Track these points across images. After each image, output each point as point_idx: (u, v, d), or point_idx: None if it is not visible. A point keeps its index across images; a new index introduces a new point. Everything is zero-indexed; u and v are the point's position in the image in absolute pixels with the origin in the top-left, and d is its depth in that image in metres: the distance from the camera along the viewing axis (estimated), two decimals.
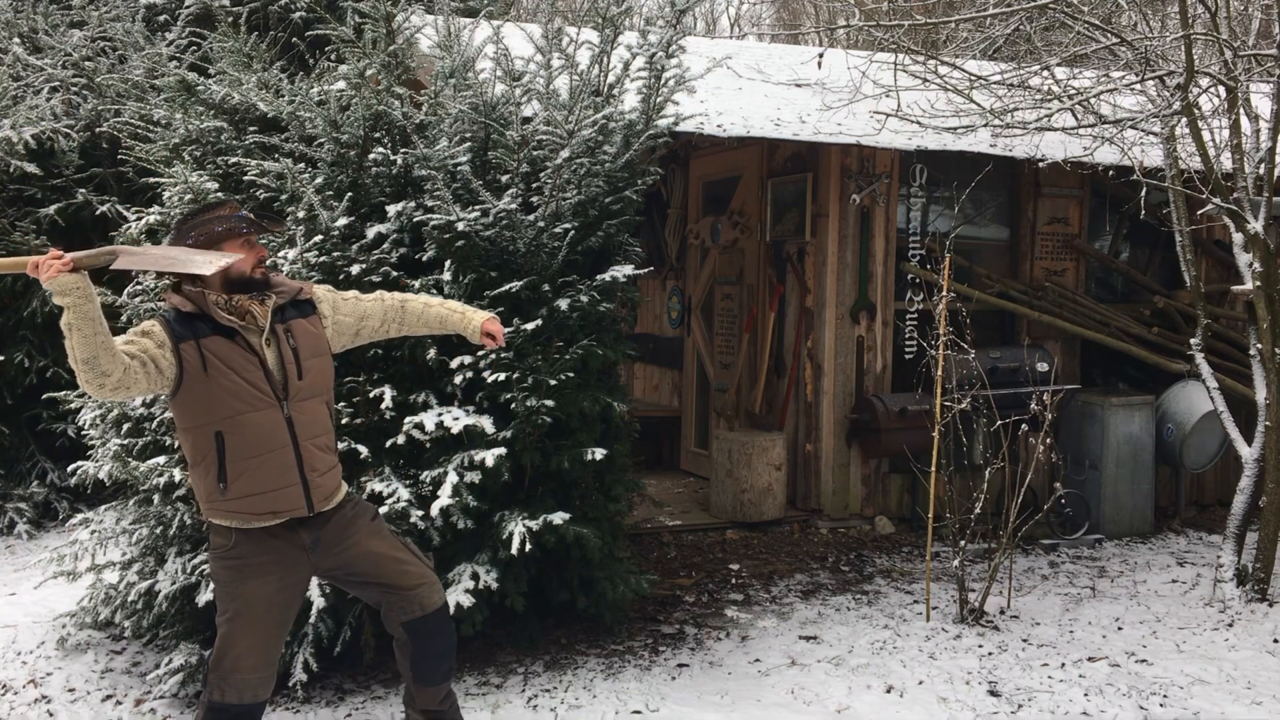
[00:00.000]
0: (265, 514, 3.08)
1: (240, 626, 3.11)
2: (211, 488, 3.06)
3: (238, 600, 3.11)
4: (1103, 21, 6.16)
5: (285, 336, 3.13)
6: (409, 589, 3.29)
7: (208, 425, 3.03)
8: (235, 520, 3.08)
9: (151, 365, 2.93)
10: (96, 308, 2.78)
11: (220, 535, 3.12)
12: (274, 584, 3.13)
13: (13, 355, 7.24)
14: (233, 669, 3.11)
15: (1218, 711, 4.27)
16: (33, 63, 8.20)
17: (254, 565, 3.10)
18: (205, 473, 3.07)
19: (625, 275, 4.63)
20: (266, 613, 3.13)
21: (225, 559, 3.12)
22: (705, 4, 19.84)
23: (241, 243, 3.10)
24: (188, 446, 3.09)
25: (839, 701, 4.32)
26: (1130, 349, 7.10)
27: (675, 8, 4.71)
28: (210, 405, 3.02)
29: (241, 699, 3.12)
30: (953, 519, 5.38)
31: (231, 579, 3.12)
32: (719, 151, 7.73)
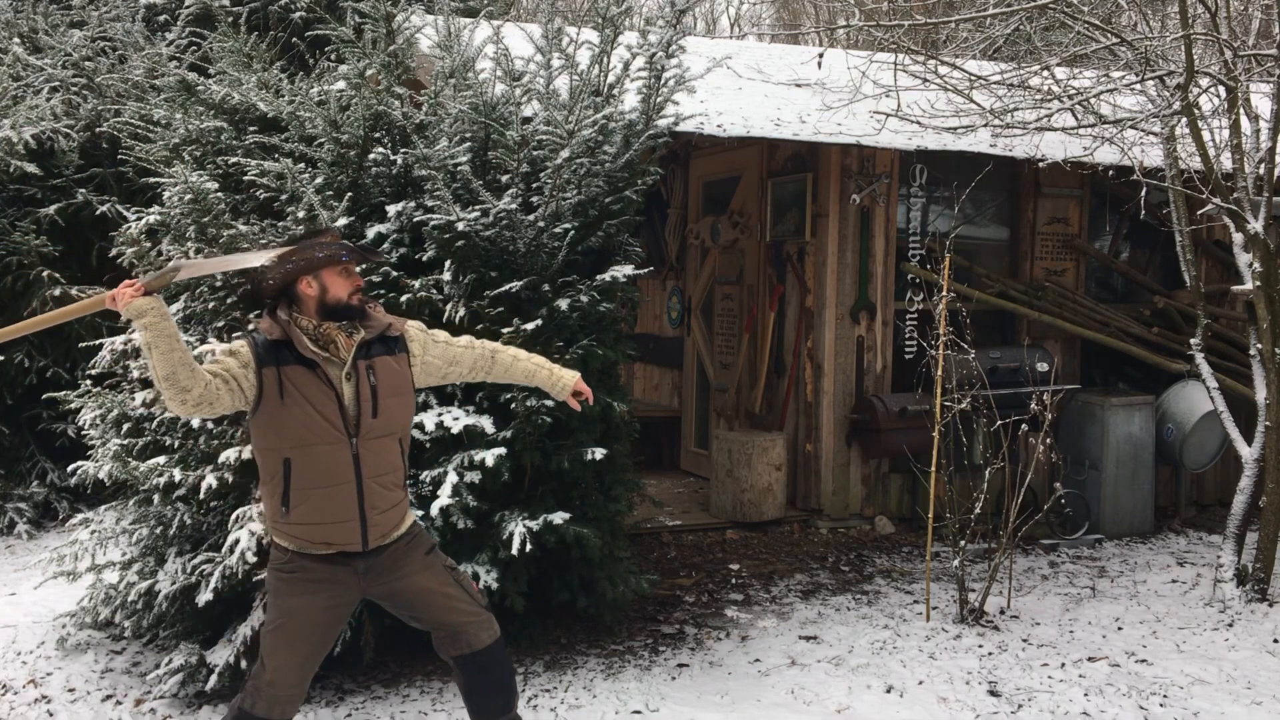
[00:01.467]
0: (320, 544, 3.12)
1: (282, 639, 3.14)
2: (275, 509, 3.12)
3: (285, 613, 3.15)
4: (1103, 21, 6.16)
5: (366, 373, 3.12)
6: (456, 626, 3.29)
7: (278, 450, 3.07)
8: (292, 543, 3.14)
9: (234, 383, 2.99)
10: (172, 325, 2.87)
11: (279, 551, 3.18)
12: (322, 602, 3.16)
13: (13, 355, 7.23)
14: (269, 682, 3.13)
15: (1218, 711, 4.27)
16: (33, 63, 8.20)
17: (306, 582, 3.14)
18: (271, 493, 3.13)
19: (625, 275, 4.63)
20: (309, 630, 3.15)
21: (280, 570, 3.17)
22: (705, 4, 19.84)
23: (340, 270, 3.09)
24: (259, 464, 3.15)
25: (839, 701, 4.32)
26: (1130, 349, 7.10)
27: (675, 8, 4.71)
28: (282, 431, 3.05)
29: (270, 713, 3.14)
30: (953, 519, 5.38)
31: (283, 590, 3.15)
32: (719, 151, 7.73)
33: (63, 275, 7.33)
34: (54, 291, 7.16)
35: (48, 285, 7.19)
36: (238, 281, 4.56)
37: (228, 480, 4.27)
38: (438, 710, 4.21)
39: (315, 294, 3.07)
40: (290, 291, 3.09)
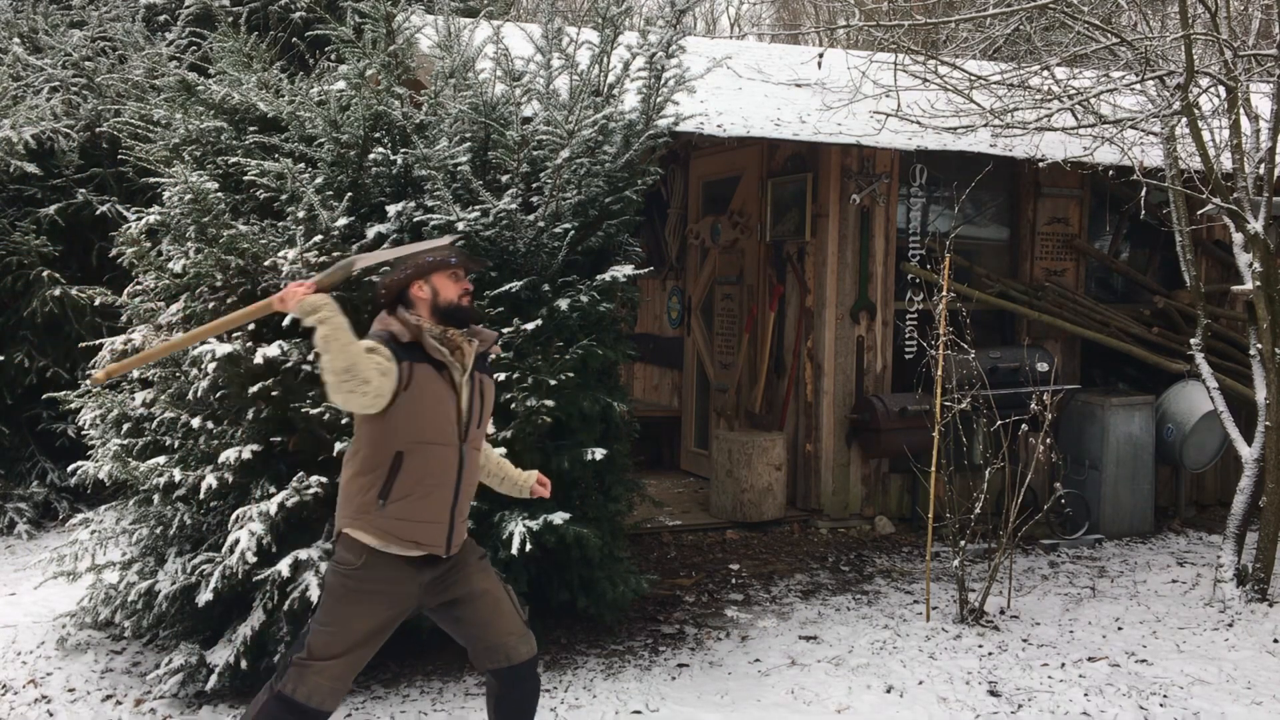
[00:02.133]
0: (409, 542, 3.12)
1: (336, 642, 3.13)
2: (369, 500, 3.11)
3: (342, 621, 3.13)
4: (1103, 21, 6.16)
5: (478, 383, 3.25)
6: (499, 636, 3.32)
7: (392, 444, 3.10)
8: (376, 539, 3.11)
9: (388, 377, 3.03)
10: (345, 320, 2.93)
11: (351, 551, 3.13)
12: (381, 615, 3.17)
13: (13, 355, 7.24)
14: (316, 672, 3.12)
15: (1218, 711, 4.27)
16: (33, 63, 8.21)
17: (369, 593, 3.13)
18: (369, 484, 3.11)
19: (625, 275, 4.63)
20: (364, 639, 3.17)
21: (347, 576, 3.13)
22: (705, 4, 19.84)
23: (449, 274, 3.22)
24: (364, 453, 3.14)
25: (839, 701, 4.32)
26: (1130, 349, 7.10)
27: (675, 8, 4.71)
28: (402, 427, 3.09)
29: (310, 701, 3.12)
30: (953, 519, 5.38)
31: (344, 597, 3.13)
32: (719, 151, 7.73)
33: (63, 275, 7.33)
34: (54, 291, 7.17)
35: (48, 285, 7.19)
36: (238, 282, 4.56)
37: (228, 480, 4.27)
38: (438, 710, 4.22)
39: (427, 297, 3.18)
40: (404, 296, 3.20)
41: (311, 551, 4.14)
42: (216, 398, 4.47)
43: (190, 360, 4.44)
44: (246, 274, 4.54)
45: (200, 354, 4.27)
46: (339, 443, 4.20)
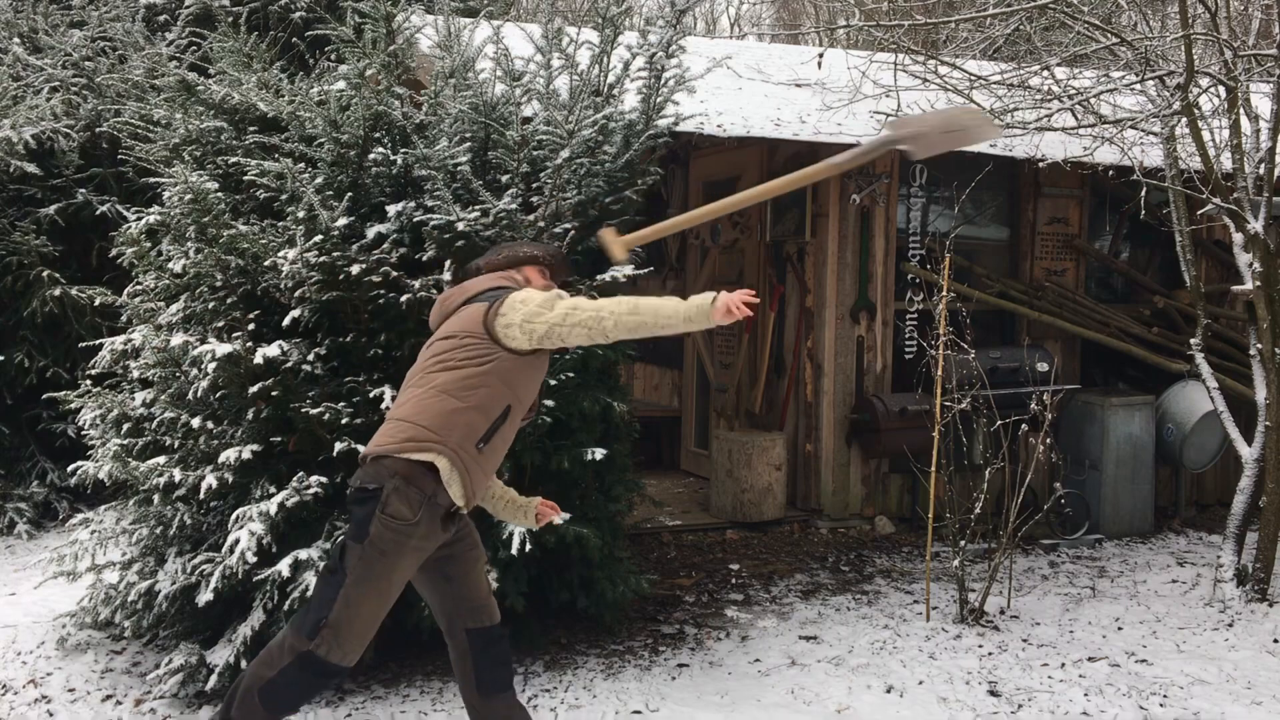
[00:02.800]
0: (468, 491, 3.22)
1: (371, 595, 3.13)
2: (471, 439, 3.18)
3: (384, 578, 3.14)
4: (1103, 21, 6.16)
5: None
6: (485, 596, 3.46)
7: (507, 395, 3.25)
8: (451, 475, 3.16)
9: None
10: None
11: (408, 507, 3.12)
12: (412, 569, 3.23)
13: (13, 355, 7.24)
14: (348, 631, 3.12)
15: (1218, 711, 4.27)
16: (33, 63, 8.20)
17: (414, 547, 3.16)
18: (477, 422, 3.20)
19: (625, 275, 4.63)
20: (395, 592, 3.21)
21: (399, 534, 3.13)
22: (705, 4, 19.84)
23: (539, 270, 3.51)
24: (482, 392, 3.21)
25: (839, 701, 4.32)
26: (1130, 349, 7.10)
27: (675, 8, 4.71)
28: (519, 382, 3.29)
29: (340, 660, 3.13)
30: (953, 519, 5.38)
31: (390, 549, 3.13)
32: (719, 151, 7.73)
33: (63, 275, 7.33)
34: (54, 291, 7.17)
35: (48, 285, 7.19)
36: (238, 282, 4.56)
37: (228, 480, 4.27)
38: (438, 710, 4.21)
39: (521, 282, 3.44)
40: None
41: (312, 551, 4.14)
42: (216, 398, 4.47)
43: (190, 360, 4.44)
44: (246, 274, 4.55)
45: (200, 354, 4.27)
46: (339, 443, 4.20)
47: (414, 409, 3.21)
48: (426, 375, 3.27)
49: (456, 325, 3.32)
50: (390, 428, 3.23)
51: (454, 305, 3.40)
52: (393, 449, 3.16)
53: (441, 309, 3.45)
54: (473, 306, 3.32)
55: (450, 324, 3.35)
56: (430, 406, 3.19)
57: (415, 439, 3.15)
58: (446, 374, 3.22)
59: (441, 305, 3.46)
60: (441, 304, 3.47)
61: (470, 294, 3.38)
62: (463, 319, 3.31)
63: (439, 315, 3.45)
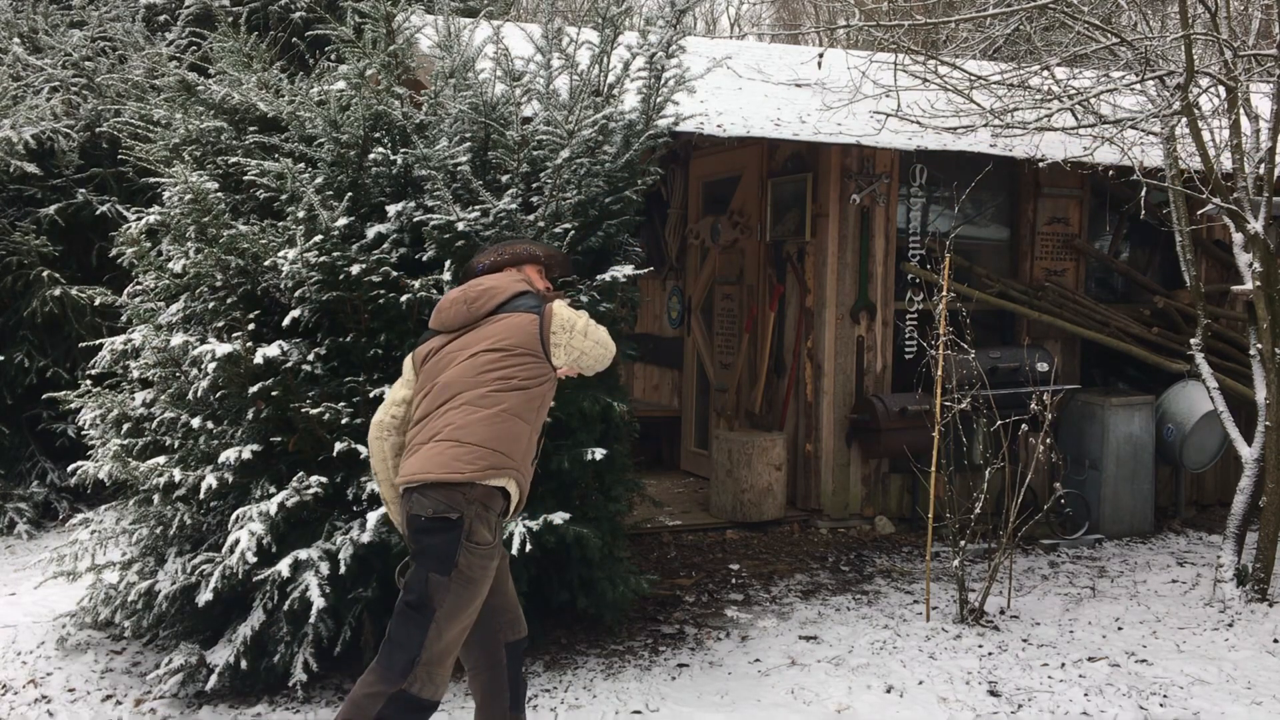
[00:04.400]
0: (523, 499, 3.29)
1: (460, 624, 3.12)
2: (530, 455, 3.27)
3: (477, 599, 3.14)
4: (1103, 21, 6.16)
5: None
6: (518, 607, 3.47)
7: (545, 411, 3.36)
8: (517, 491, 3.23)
9: None
10: None
11: (489, 530, 3.13)
12: (488, 589, 3.24)
13: (13, 355, 7.24)
14: (439, 665, 3.09)
15: (1218, 711, 4.27)
16: (33, 63, 8.21)
17: (492, 569, 3.19)
18: (535, 442, 3.31)
19: (625, 275, 4.63)
20: (476, 616, 3.22)
21: (487, 559, 3.13)
22: (705, 4, 19.84)
23: (538, 270, 3.57)
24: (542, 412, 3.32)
25: (839, 701, 4.32)
26: (1130, 349, 7.10)
27: (675, 8, 4.71)
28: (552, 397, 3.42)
29: (433, 695, 3.11)
30: (953, 519, 5.38)
31: (481, 578, 3.13)
32: (719, 151, 7.73)
33: (63, 275, 7.34)
34: (54, 291, 7.17)
35: (48, 285, 7.20)
36: (238, 282, 4.56)
37: (228, 480, 4.27)
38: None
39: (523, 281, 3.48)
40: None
41: (311, 551, 4.14)
42: (216, 398, 4.47)
43: (190, 360, 4.44)
44: (246, 274, 4.55)
45: (200, 354, 4.27)
46: (339, 443, 4.20)
47: (488, 432, 3.12)
48: (490, 395, 3.16)
49: (504, 335, 3.23)
50: (462, 452, 3.09)
51: (484, 310, 3.30)
52: (474, 476, 3.08)
53: (469, 311, 3.31)
54: (519, 318, 3.27)
55: (492, 331, 3.24)
56: (505, 431, 3.15)
57: (496, 466, 3.11)
58: (515, 395, 3.19)
59: (468, 306, 3.32)
60: (467, 305, 3.33)
61: (500, 298, 3.31)
62: (511, 329, 3.25)
63: (464, 317, 3.31)
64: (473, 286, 3.39)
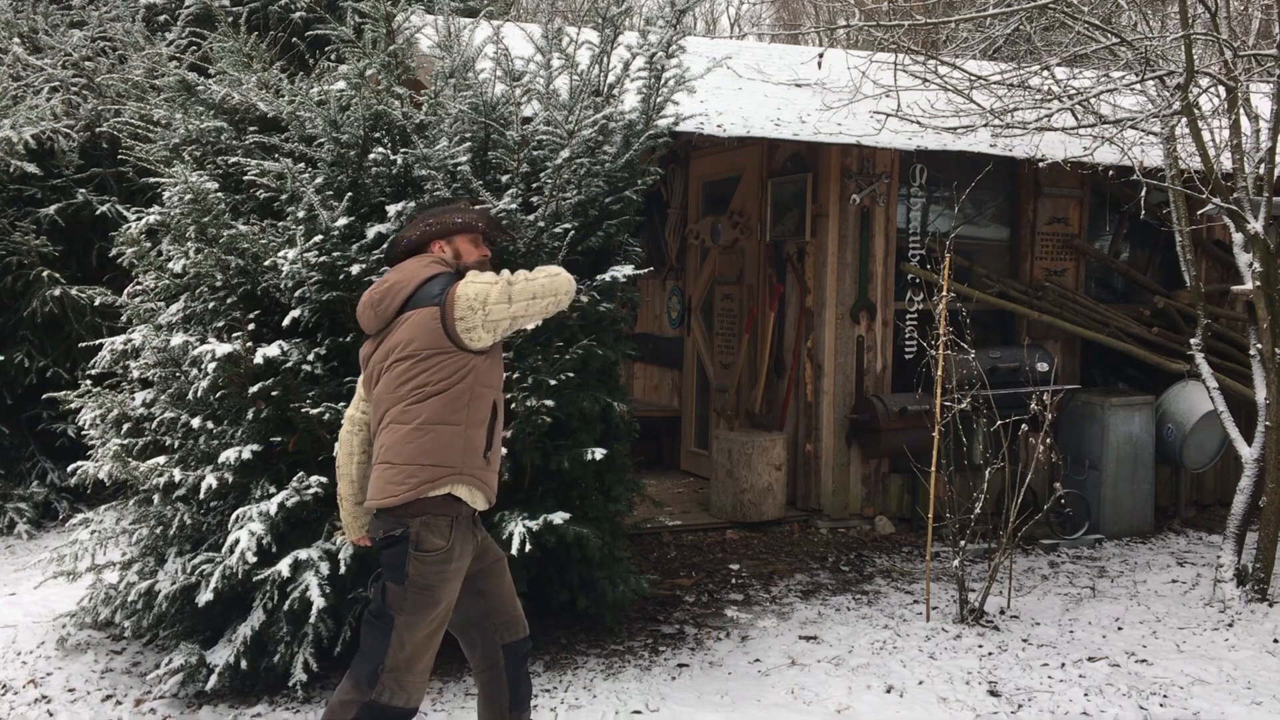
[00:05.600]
0: (492, 493, 3.18)
1: (423, 630, 3.08)
2: (477, 454, 3.11)
3: (439, 605, 3.09)
4: (1103, 21, 6.16)
5: None
6: (517, 608, 3.40)
7: (493, 390, 3.17)
8: (472, 493, 3.11)
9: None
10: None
11: (439, 536, 3.06)
12: (456, 589, 3.17)
13: (13, 355, 7.24)
14: (407, 671, 3.07)
15: (1218, 711, 4.27)
16: (33, 63, 8.21)
17: (455, 570, 3.12)
18: (477, 438, 3.11)
19: (625, 275, 4.63)
20: (445, 619, 3.16)
21: (440, 564, 3.06)
22: (705, 4, 19.84)
23: (471, 238, 3.31)
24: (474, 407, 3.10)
25: (839, 701, 4.32)
26: (1130, 349, 7.10)
27: (675, 8, 4.71)
28: (495, 373, 3.19)
29: (405, 703, 3.08)
30: (953, 519, 5.38)
31: (438, 584, 3.07)
32: (719, 151, 7.73)
33: (63, 275, 7.33)
34: (54, 291, 7.17)
35: (48, 285, 7.20)
36: (238, 282, 4.56)
37: (228, 480, 4.27)
38: (437, 710, 4.21)
39: (449, 255, 3.26)
40: (424, 250, 3.28)
41: (311, 551, 4.14)
42: (216, 398, 4.47)
43: (190, 360, 4.44)
44: (246, 274, 4.55)
45: (200, 354, 4.27)
46: (339, 443, 4.19)
47: (413, 449, 3.05)
48: (408, 409, 3.07)
49: (410, 339, 3.07)
50: (393, 474, 3.06)
51: (390, 311, 3.14)
52: (409, 496, 3.03)
53: (378, 315, 3.17)
54: (421, 314, 3.07)
55: (400, 336, 3.09)
56: (430, 443, 3.05)
57: (429, 480, 3.04)
58: (433, 402, 3.05)
59: (375, 310, 3.18)
60: (374, 308, 3.18)
61: (404, 294, 3.11)
62: (415, 330, 3.07)
63: (376, 320, 3.18)
64: (378, 286, 3.21)
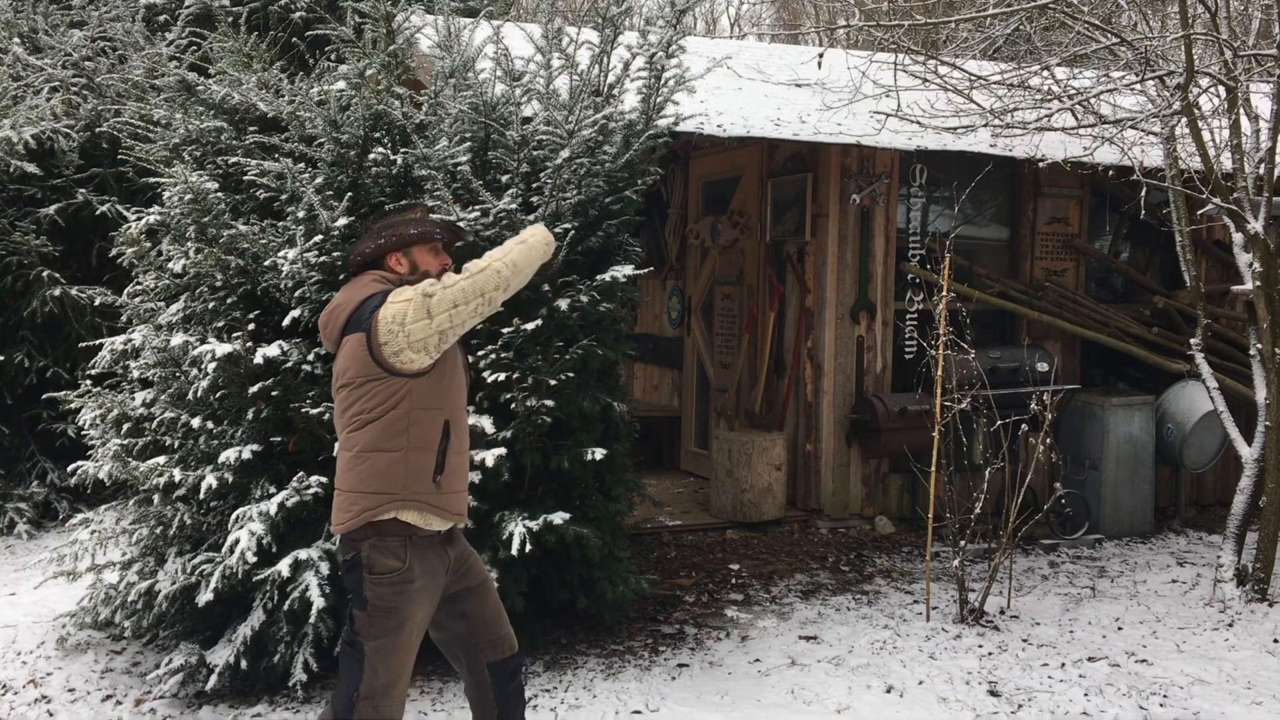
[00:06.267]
0: (453, 514, 3.05)
1: (401, 653, 3.01)
2: (425, 479, 2.99)
3: (405, 628, 3.00)
4: (1103, 21, 6.16)
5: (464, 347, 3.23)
6: (503, 626, 3.29)
7: (442, 411, 3.01)
8: (423, 517, 3.00)
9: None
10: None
11: (392, 557, 2.97)
12: (428, 608, 3.07)
13: (13, 355, 7.24)
14: (385, 695, 3.00)
15: (1218, 711, 4.27)
16: (33, 63, 8.21)
17: (419, 589, 3.01)
18: (423, 462, 2.99)
19: (625, 275, 4.63)
20: (419, 638, 3.07)
21: (397, 585, 2.98)
22: (705, 4, 19.84)
23: (430, 248, 3.15)
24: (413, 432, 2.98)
25: (839, 701, 4.32)
26: (1130, 349, 7.10)
27: (675, 8, 4.71)
28: (446, 392, 3.03)
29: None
30: (953, 519, 5.38)
31: (400, 605, 2.99)
32: (719, 151, 7.73)
33: (63, 275, 7.33)
34: (54, 291, 7.17)
35: (48, 285, 7.20)
36: (238, 282, 4.56)
37: (228, 480, 4.27)
38: (437, 710, 4.21)
39: (405, 270, 3.10)
40: (379, 265, 3.11)
41: (311, 551, 4.14)
42: (216, 398, 4.47)
43: (190, 360, 4.44)
44: (246, 274, 4.55)
45: (200, 354, 4.27)
46: None
47: (354, 479, 3.01)
48: (348, 436, 3.02)
49: (345, 367, 3.01)
50: (341, 501, 3.04)
51: (334, 337, 3.07)
52: (354, 524, 2.99)
53: (326, 337, 3.12)
54: (353, 340, 2.98)
55: (340, 363, 3.04)
56: (368, 471, 2.98)
57: (371, 507, 2.97)
58: (368, 430, 2.98)
59: (325, 334, 3.12)
60: (324, 330, 3.12)
61: (344, 317, 3.03)
62: (350, 357, 2.99)
63: (328, 343, 3.14)
64: (327, 308, 3.13)
